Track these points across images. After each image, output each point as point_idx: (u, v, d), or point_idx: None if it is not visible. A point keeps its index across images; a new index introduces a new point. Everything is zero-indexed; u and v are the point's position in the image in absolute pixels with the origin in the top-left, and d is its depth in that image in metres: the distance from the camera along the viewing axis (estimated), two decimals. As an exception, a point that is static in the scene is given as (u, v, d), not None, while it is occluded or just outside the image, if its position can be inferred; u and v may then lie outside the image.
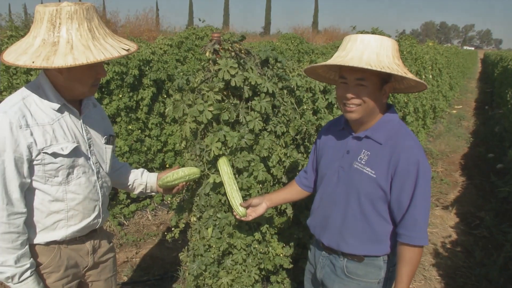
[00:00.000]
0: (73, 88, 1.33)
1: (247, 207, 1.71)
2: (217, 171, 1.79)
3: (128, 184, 1.78)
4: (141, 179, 1.80)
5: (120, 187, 1.83)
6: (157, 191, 1.84)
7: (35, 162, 1.28)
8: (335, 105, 2.57)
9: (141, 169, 1.84)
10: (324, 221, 1.55)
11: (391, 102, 4.12)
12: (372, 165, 1.37)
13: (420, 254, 1.32)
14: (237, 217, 1.74)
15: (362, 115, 1.38)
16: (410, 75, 1.28)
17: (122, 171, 1.78)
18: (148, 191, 1.83)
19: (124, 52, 1.27)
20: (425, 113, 6.19)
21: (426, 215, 1.31)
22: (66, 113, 1.36)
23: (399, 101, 4.32)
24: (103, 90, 3.71)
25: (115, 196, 3.99)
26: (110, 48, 1.25)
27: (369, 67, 1.23)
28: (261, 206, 1.71)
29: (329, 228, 1.52)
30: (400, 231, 1.36)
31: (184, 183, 1.79)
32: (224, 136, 1.76)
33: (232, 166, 1.83)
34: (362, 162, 1.39)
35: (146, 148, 4.05)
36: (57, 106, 1.33)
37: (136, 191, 1.82)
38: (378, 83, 1.33)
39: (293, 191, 1.78)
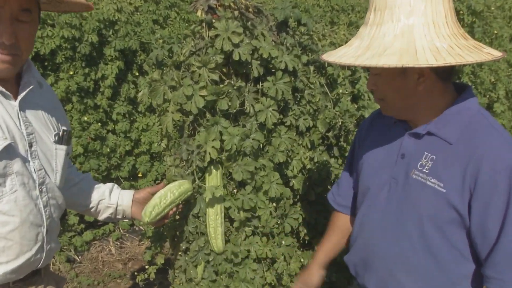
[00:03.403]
0: None
1: None
2: (210, 181, 1.84)
3: (91, 206, 1.82)
4: (109, 199, 1.83)
5: (77, 209, 1.86)
6: (132, 217, 1.88)
7: None
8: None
9: (109, 185, 1.87)
10: (368, 257, 1.57)
11: (468, 82, 4.11)
12: (440, 174, 1.38)
13: None
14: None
15: (396, 112, 1.46)
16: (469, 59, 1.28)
17: (82, 187, 1.81)
18: (120, 216, 1.87)
19: None
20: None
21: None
22: None
23: (483, 81, 4.26)
24: (46, 64, 3.77)
25: (62, 218, 4.06)
26: None
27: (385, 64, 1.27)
28: (312, 276, 1.80)
29: (375, 267, 1.54)
30: (487, 272, 1.35)
31: (175, 208, 1.84)
32: (221, 134, 1.80)
33: (229, 176, 1.87)
34: (425, 170, 1.41)
35: (108, 150, 4.11)
36: None
37: (102, 216, 1.86)
38: (397, 69, 1.35)
39: (343, 226, 1.82)
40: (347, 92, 2.36)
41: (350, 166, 1.78)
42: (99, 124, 4.06)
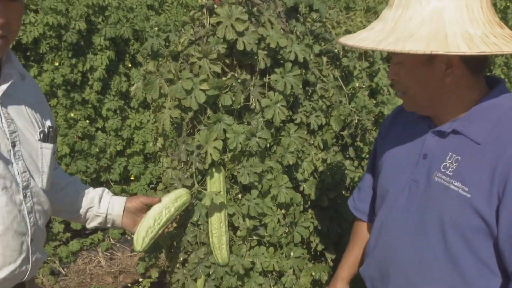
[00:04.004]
0: None
1: None
2: (212, 186, 1.86)
3: (78, 214, 1.83)
4: (98, 207, 1.84)
5: (63, 216, 1.87)
6: (122, 227, 1.90)
7: None
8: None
9: (98, 191, 1.88)
10: (386, 269, 1.58)
11: (500, 75, 4.08)
12: (465, 177, 1.38)
13: None
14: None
15: (419, 107, 1.46)
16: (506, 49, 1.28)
17: (69, 192, 1.82)
18: (109, 225, 1.89)
19: None
20: None
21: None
22: None
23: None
24: (28, 54, 3.81)
25: (46, 226, 4.06)
26: None
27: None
28: None
29: (394, 279, 1.55)
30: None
31: (170, 224, 1.86)
32: (224, 132, 1.81)
33: (232, 179, 1.88)
34: (448, 172, 1.42)
35: (98, 150, 4.13)
36: None
37: (90, 225, 1.88)
38: (423, 57, 1.36)
39: (367, 236, 1.82)
40: (364, 86, 2.37)
41: (372, 168, 1.79)
42: (87, 121, 4.09)
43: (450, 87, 1.40)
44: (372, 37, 1.35)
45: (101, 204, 1.85)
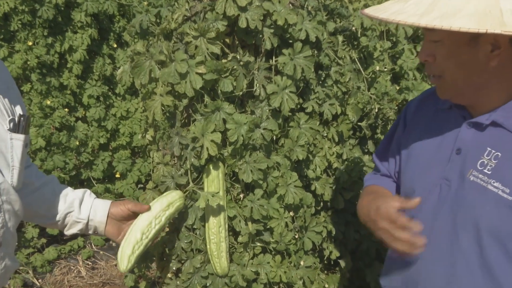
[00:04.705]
0: None
1: None
2: (209, 184, 1.86)
3: (55, 220, 1.82)
4: (78, 212, 1.83)
5: (38, 222, 1.86)
6: (105, 235, 1.89)
7: None
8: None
9: (79, 192, 1.87)
10: (412, 280, 1.58)
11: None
12: (505, 176, 1.38)
13: None
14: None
15: (455, 94, 1.44)
16: None
17: (45, 194, 1.80)
18: (91, 231, 1.88)
19: None
20: None
21: None
22: None
23: None
24: (-2, 32, 3.80)
25: (19, 231, 4.07)
26: None
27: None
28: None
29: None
30: None
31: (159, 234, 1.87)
32: (224, 122, 1.80)
33: (233, 177, 1.88)
34: (486, 170, 1.41)
35: (78, 143, 4.12)
36: None
37: (69, 231, 1.87)
38: (466, 36, 1.35)
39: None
40: (386, 70, 2.36)
41: (386, 148, 1.78)
42: (66, 109, 4.07)
43: (494, 72, 1.38)
44: (410, 10, 1.32)
45: (81, 209, 1.83)
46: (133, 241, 1.77)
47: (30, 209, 1.74)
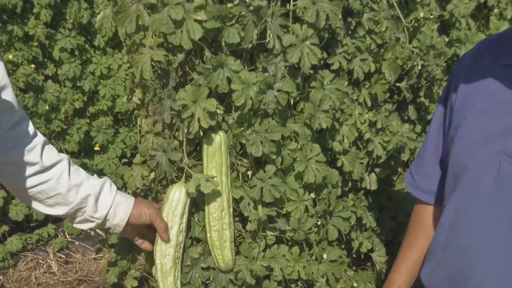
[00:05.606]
0: None
1: None
2: (209, 158, 1.86)
3: (64, 212, 1.80)
4: (93, 211, 1.82)
5: (38, 208, 1.83)
6: (121, 236, 1.94)
7: None
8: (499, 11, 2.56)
9: (95, 183, 1.84)
10: (461, 278, 1.57)
11: None
12: None
13: None
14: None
15: None
16: None
17: (57, 179, 1.75)
18: (101, 228, 1.91)
19: None
20: None
21: None
22: None
23: None
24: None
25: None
26: None
27: None
28: None
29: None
30: None
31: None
32: (229, 82, 1.77)
33: (241, 150, 1.85)
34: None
35: (48, 107, 4.14)
36: None
37: (77, 225, 1.88)
38: None
39: (432, 224, 1.82)
40: (432, 17, 2.32)
41: (438, 129, 1.77)
42: (32, 66, 4.08)
43: None
44: None
45: (98, 206, 1.83)
46: (169, 266, 1.92)
47: (31, 196, 1.76)
